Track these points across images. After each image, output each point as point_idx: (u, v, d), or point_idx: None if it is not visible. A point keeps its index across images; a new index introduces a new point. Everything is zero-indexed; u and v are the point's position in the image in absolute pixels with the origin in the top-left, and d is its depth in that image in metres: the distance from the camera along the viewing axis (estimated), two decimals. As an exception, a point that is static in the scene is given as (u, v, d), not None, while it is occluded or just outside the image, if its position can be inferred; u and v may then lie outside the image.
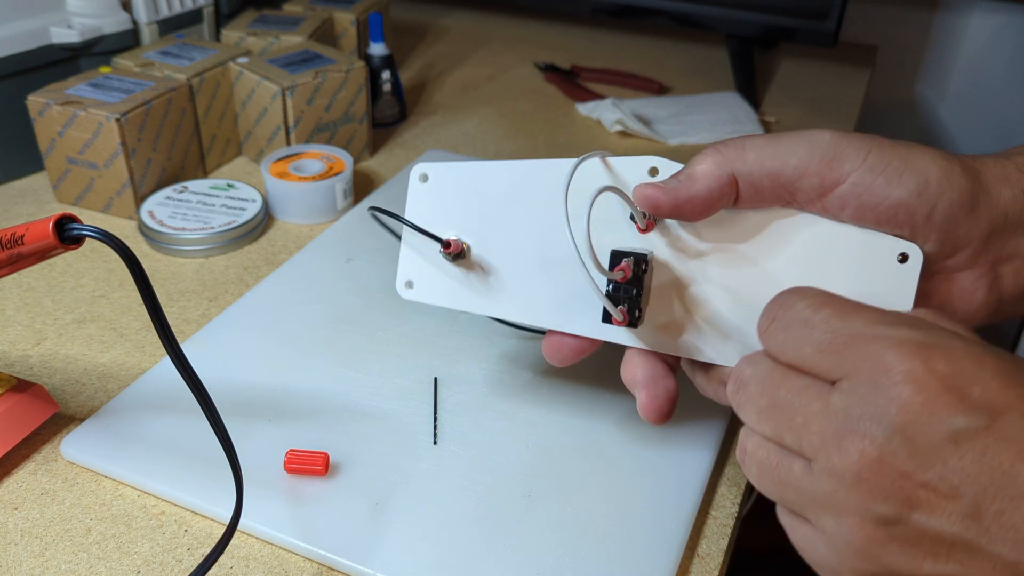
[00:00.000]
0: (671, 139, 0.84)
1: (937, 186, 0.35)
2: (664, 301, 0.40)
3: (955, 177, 0.35)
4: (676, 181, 0.37)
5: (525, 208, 0.42)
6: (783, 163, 0.36)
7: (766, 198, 0.38)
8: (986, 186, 0.36)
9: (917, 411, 0.26)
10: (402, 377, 0.51)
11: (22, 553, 0.41)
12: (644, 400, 0.39)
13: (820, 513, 0.29)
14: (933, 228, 0.36)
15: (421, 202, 0.43)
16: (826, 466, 0.28)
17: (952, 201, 0.35)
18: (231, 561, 0.41)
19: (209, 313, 0.58)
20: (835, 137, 0.36)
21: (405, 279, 0.44)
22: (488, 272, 0.42)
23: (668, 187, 0.37)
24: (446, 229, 0.43)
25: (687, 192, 0.37)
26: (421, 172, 0.43)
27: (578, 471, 0.45)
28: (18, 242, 0.33)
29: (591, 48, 1.09)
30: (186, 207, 0.66)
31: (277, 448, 0.45)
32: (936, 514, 0.27)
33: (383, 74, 0.83)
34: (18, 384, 0.46)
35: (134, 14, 0.76)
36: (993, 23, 1.11)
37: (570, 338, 0.42)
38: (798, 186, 0.37)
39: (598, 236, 0.40)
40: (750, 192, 0.37)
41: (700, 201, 0.37)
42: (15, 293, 0.59)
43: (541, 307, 0.41)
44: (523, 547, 0.41)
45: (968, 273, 0.38)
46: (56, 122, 0.65)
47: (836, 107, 0.94)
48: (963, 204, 0.36)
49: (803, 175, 0.36)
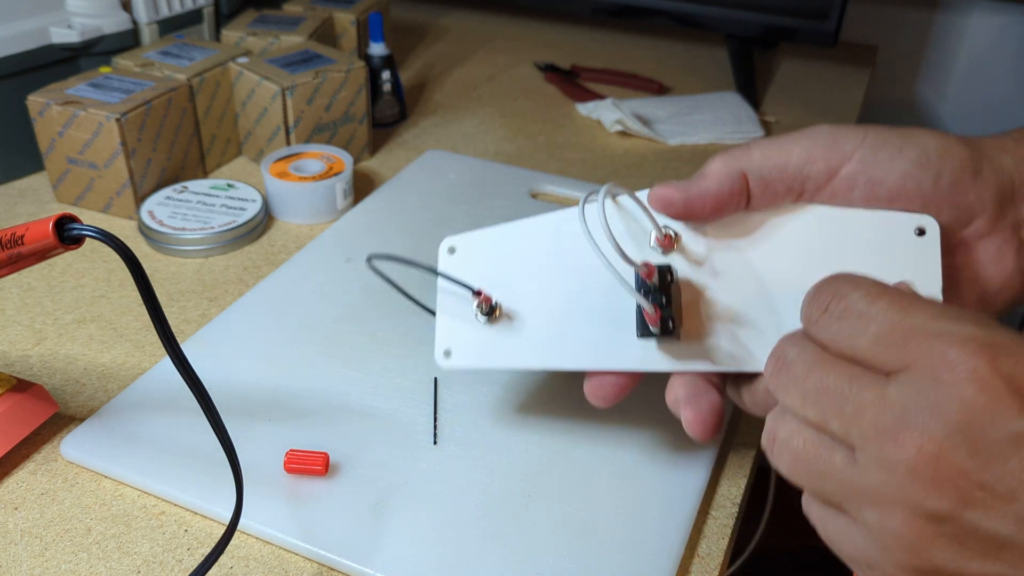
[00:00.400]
0: (671, 139, 0.84)
1: (937, 155, 0.37)
2: (695, 319, 0.39)
3: (953, 146, 0.37)
4: (688, 181, 0.39)
5: (549, 257, 0.42)
6: (787, 154, 0.38)
7: (777, 192, 0.38)
8: (986, 153, 0.37)
9: (980, 411, 0.26)
10: (402, 377, 0.51)
11: (22, 553, 0.41)
12: (689, 417, 0.38)
13: (863, 505, 0.29)
14: (942, 196, 0.37)
15: (451, 273, 0.43)
16: (876, 457, 0.28)
17: (955, 167, 0.37)
18: (231, 561, 0.41)
19: (209, 313, 0.58)
20: (833, 127, 0.38)
21: (443, 348, 0.43)
22: (523, 326, 0.42)
23: (680, 185, 0.39)
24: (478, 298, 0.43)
25: (699, 189, 0.38)
26: (448, 246, 0.44)
27: (578, 471, 0.45)
28: (18, 242, 0.33)
29: (591, 48, 1.09)
30: (186, 207, 0.66)
31: (277, 448, 0.45)
32: (991, 514, 0.26)
33: (383, 74, 0.83)
34: (18, 384, 0.46)
35: (134, 14, 0.76)
36: (993, 23, 1.11)
37: (611, 376, 0.41)
38: (806, 173, 0.38)
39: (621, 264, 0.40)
40: (760, 188, 0.38)
41: (712, 197, 0.38)
42: (15, 293, 0.59)
43: (580, 350, 0.41)
44: (523, 547, 0.41)
45: (991, 240, 0.38)
46: (56, 122, 0.65)
47: (836, 107, 0.94)
48: (966, 168, 0.37)
49: (808, 161, 0.37)
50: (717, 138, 0.84)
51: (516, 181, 0.73)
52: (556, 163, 0.79)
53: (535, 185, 0.73)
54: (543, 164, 0.79)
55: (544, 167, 0.78)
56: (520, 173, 0.75)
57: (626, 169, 0.79)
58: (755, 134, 0.84)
